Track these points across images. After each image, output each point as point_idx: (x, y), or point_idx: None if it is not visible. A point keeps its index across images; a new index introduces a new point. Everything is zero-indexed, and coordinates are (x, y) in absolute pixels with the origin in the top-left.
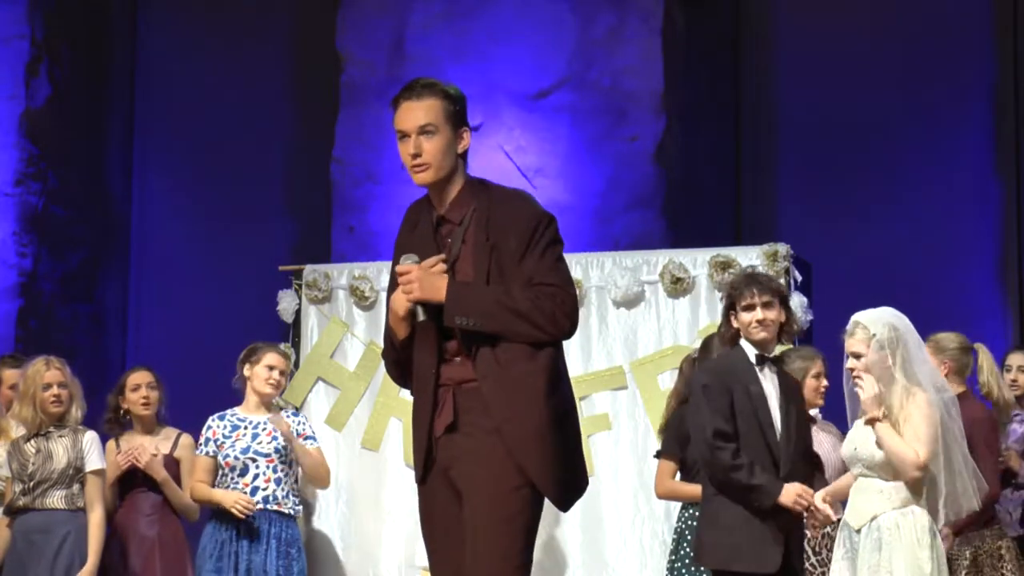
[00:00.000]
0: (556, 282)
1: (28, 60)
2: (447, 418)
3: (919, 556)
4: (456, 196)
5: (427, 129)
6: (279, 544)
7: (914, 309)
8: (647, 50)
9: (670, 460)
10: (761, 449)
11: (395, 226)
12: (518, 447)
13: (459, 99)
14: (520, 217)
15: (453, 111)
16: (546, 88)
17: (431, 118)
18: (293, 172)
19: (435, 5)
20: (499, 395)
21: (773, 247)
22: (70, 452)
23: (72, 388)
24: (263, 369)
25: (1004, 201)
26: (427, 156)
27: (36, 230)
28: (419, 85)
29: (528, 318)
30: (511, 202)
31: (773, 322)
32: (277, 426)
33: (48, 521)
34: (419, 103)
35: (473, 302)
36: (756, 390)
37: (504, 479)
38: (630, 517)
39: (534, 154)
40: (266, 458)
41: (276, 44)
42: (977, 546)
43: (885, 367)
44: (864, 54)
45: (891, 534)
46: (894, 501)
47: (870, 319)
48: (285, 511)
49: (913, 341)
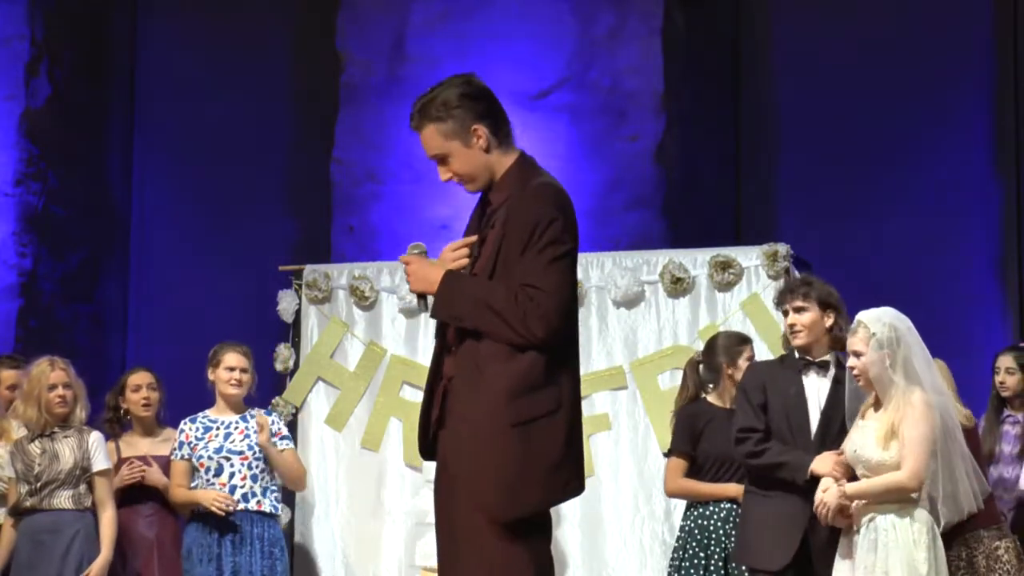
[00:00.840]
0: (539, 285)
1: (28, 60)
2: (436, 412)
3: (915, 557)
4: (500, 181)
5: (438, 158)
6: (262, 544)
7: (914, 309)
8: (647, 50)
9: (680, 458)
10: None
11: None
12: (466, 449)
13: (452, 108)
14: (527, 213)
15: (451, 128)
16: (546, 88)
17: (435, 148)
18: (293, 172)
19: (435, 5)
20: (464, 393)
21: (773, 247)
22: (76, 453)
23: (76, 389)
24: (224, 371)
25: (1004, 201)
26: (456, 177)
27: (36, 230)
28: (415, 114)
29: (501, 317)
30: (528, 197)
31: (806, 327)
32: (258, 423)
33: (56, 521)
34: (422, 135)
35: (458, 298)
36: (795, 392)
37: (465, 485)
38: (630, 517)
39: (534, 154)
40: (240, 456)
41: (276, 44)
42: (974, 547)
43: (884, 367)
44: (864, 54)
45: (887, 535)
46: (893, 502)
47: (870, 318)
48: (266, 510)
49: (914, 342)
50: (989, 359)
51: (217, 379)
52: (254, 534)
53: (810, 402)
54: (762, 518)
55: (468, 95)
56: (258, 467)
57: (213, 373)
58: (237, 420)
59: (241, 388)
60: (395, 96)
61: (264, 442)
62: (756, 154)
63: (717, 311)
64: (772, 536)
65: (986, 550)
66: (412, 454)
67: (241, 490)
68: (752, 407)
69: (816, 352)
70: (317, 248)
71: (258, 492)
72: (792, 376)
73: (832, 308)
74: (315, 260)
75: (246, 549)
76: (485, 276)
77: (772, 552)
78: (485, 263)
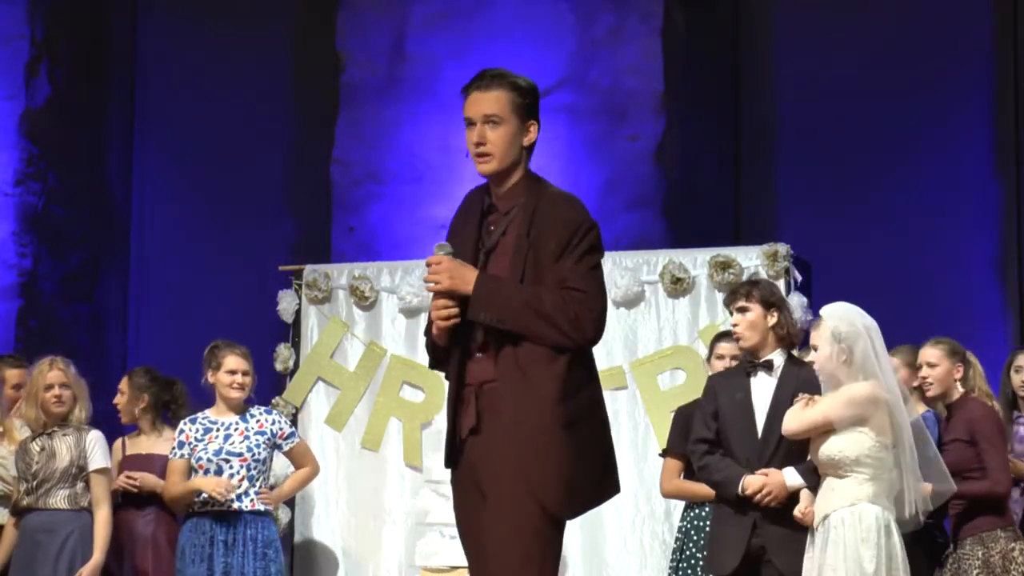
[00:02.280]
0: (586, 288)
1: (28, 60)
2: (470, 420)
3: (861, 555)
4: (511, 187)
5: (492, 119)
6: (256, 546)
7: (914, 309)
8: (647, 50)
9: (676, 458)
10: (741, 453)
11: (395, 226)
12: (521, 451)
13: (529, 91)
14: (563, 219)
15: (521, 103)
16: (546, 88)
17: (497, 108)
18: (293, 172)
19: (435, 5)
20: (512, 397)
21: (773, 247)
22: (73, 451)
23: (76, 388)
24: (225, 375)
25: (1004, 201)
26: (490, 146)
27: (36, 230)
28: (488, 75)
29: (551, 321)
30: (559, 203)
31: (748, 326)
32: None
33: (52, 521)
34: (487, 93)
35: (500, 299)
36: (741, 397)
37: (517, 484)
38: (630, 517)
39: (534, 154)
40: (239, 457)
41: (276, 44)
42: (990, 547)
43: (839, 362)
44: (864, 54)
45: (837, 532)
46: (844, 499)
47: (827, 312)
48: (259, 508)
49: (874, 340)
50: (989, 359)
51: (218, 382)
52: (247, 535)
53: (757, 403)
54: (716, 524)
55: (537, 99)
56: (256, 468)
57: (213, 376)
58: (237, 421)
59: (243, 391)
60: (395, 96)
61: (276, 499)
62: (756, 154)
63: (717, 311)
64: (720, 541)
65: (1003, 550)
66: (412, 454)
67: (238, 490)
68: (704, 416)
69: (763, 352)
70: (317, 248)
71: (253, 493)
72: (740, 380)
73: (774, 307)
74: (315, 260)
75: (239, 550)
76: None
77: (720, 556)
78: (509, 265)
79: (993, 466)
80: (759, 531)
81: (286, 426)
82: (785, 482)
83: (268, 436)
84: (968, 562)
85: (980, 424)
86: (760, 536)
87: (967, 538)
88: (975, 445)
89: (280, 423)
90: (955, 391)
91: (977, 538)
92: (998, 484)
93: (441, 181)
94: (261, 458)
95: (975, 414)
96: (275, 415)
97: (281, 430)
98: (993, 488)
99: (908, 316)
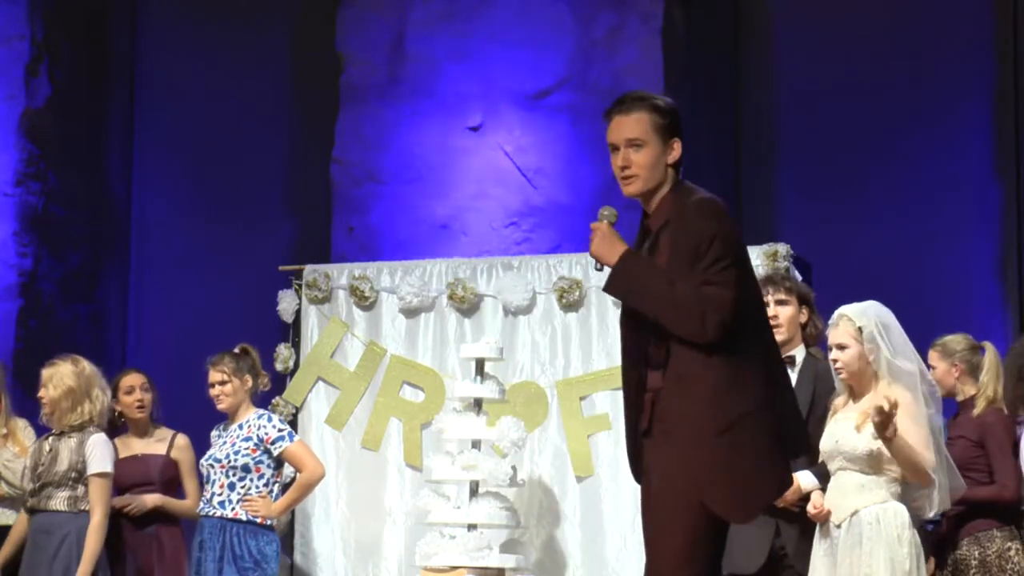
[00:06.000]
0: (719, 282)
1: (28, 60)
2: (644, 424)
3: (899, 552)
4: (659, 205)
5: (635, 142)
6: (233, 554)
7: (914, 308)
8: (647, 50)
9: None
10: None
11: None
12: (684, 455)
13: (669, 112)
14: (688, 232)
15: (662, 124)
16: (546, 88)
17: (639, 132)
18: (293, 172)
19: (435, 5)
20: (673, 401)
21: (773, 247)
22: (74, 454)
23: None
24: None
25: (1004, 201)
26: (635, 168)
27: (36, 230)
28: (629, 99)
29: (681, 306)
30: (688, 215)
31: (787, 321)
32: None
33: (50, 522)
34: (628, 117)
35: (638, 277)
36: None
37: (676, 488)
38: (630, 517)
39: (534, 154)
40: (219, 464)
41: (276, 44)
42: (986, 547)
43: (868, 361)
44: (864, 54)
45: (872, 529)
46: (875, 496)
47: (855, 311)
48: (241, 518)
49: (898, 337)
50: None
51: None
52: (226, 542)
53: None
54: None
55: (677, 118)
56: (235, 475)
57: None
58: (236, 428)
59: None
60: (395, 96)
61: (272, 511)
62: (756, 154)
63: None
64: (743, 540)
65: (999, 550)
66: (412, 454)
67: (219, 497)
68: None
69: (789, 347)
70: (317, 248)
71: (233, 500)
72: None
73: (806, 304)
74: (315, 260)
75: (210, 555)
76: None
77: (745, 556)
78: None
79: (1002, 472)
80: (781, 533)
81: (273, 431)
82: (800, 485)
83: (255, 442)
84: (964, 561)
85: (993, 429)
86: (782, 538)
87: (964, 539)
88: (982, 447)
89: (267, 428)
90: (959, 390)
91: (974, 538)
92: (1005, 489)
93: (441, 181)
94: (239, 464)
95: (988, 419)
96: (265, 419)
97: (267, 435)
98: (1000, 493)
99: (908, 316)
